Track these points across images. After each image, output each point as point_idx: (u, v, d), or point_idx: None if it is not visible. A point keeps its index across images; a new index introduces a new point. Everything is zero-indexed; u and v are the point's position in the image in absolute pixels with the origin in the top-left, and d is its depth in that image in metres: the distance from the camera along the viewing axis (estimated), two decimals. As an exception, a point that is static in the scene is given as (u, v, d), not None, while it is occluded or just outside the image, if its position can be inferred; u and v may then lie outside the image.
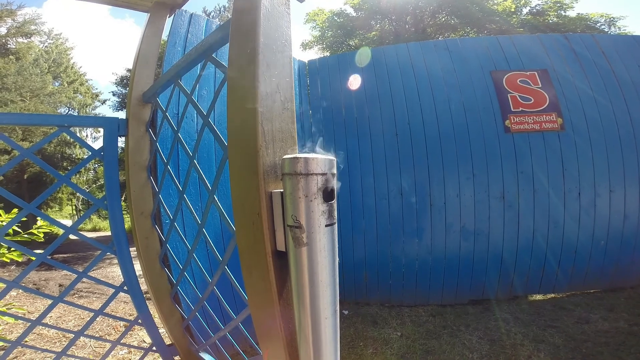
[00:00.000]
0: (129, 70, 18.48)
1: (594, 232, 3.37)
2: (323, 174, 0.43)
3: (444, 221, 3.41)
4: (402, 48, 3.74)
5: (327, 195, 0.43)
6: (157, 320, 1.38)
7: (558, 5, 12.44)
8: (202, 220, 1.02)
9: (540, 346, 2.46)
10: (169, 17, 1.31)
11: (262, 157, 0.47)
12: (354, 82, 3.70)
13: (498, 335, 2.67)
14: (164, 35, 1.40)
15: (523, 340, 2.56)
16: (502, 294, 3.41)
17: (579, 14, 12.49)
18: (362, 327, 2.94)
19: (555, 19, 12.41)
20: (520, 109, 3.45)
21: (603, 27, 12.18)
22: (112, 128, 1.19)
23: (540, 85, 3.48)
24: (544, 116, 3.43)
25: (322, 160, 0.43)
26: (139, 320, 1.29)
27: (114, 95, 19.27)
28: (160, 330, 1.36)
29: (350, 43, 13.75)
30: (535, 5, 12.84)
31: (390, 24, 14.10)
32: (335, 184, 0.44)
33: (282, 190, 0.48)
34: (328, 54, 13.88)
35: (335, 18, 14.12)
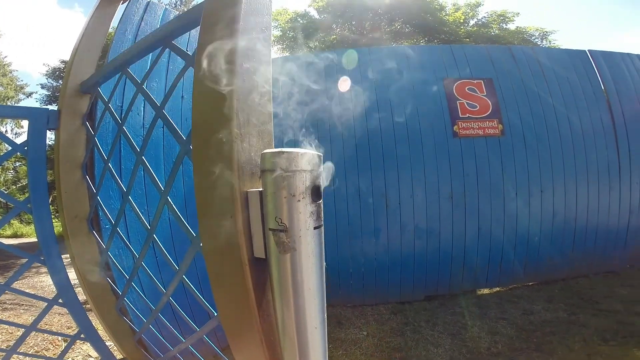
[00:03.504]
0: (63, 61, 16.63)
1: (529, 229, 3.73)
2: (312, 171, 0.38)
3: (399, 221, 3.53)
4: (364, 52, 3.82)
5: (316, 194, 0.39)
6: (103, 332, 1.22)
7: (501, 18, 13.73)
8: (152, 225, 0.91)
9: (496, 338, 2.65)
10: (122, 3, 1.18)
11: (237, 152, 0.41)
12: (317, 83, 3.68)
13: (457, 329, 2.83)
14: (114, 24, 1.25)
15: (480, 333, 2.73)
16: (454, 289, 3.62)
17: (517, 27, 13.90)
18: (329, 329, 2.92)
19: (497, 31, 13.68)
20: (467, 115, 3.70)
21: (537, 40, 13.70)
22: (40, 120, 1.03)
23: (485, 93, 3.76)
24: (487, 122, 3.72)
25: (310, 155, 0.38)
26: (82, 335, 1.14)
27: (42, 87, 17.13)
28: (107, 343, 1.21)
29: (311, 45, 13.85)
30: (482, 17, 14.04)
31: (350, 29, 14.47)
32: (323, 182, 0.40)
33: (259, 189, 0.42)
34: (287, 54, 13.84)
35: (299, 19, 14.14)
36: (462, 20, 13.83)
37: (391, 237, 3.53)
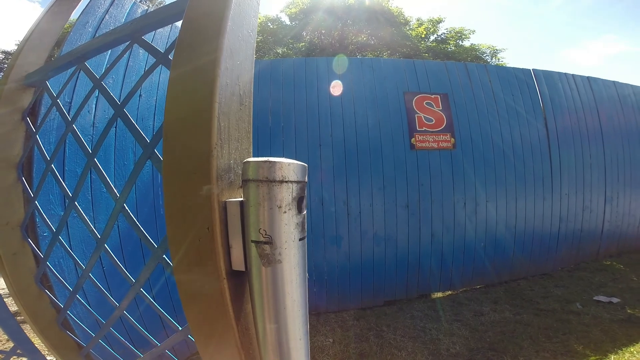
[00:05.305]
0: (5, 52, 14.80)
1: (476, 236, 4.02)
2: (298, 182, 0.38)
3: (359, 229, 3.61)
4: (332, 61, 3.87)
5: (301, 205, 0.38)
6: (43, 347, 1.09)
7: (459, 35, 14.77)
8: (104, 234, 0.83)
9: (454, 339, 2.79)
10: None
11: (216, 159, 0.38)
12: (285, 89, 3.67)
13: (416, 332, 2.94)
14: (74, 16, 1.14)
15: (438, 335, 2.86)
16: (411, 294, 3.77)
17: (472, 44, 15.02)
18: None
19: (453, 48, 14.70)
20: (424, 128, 3.91)
21: (487, 57, 14.91)
22: (-32, 111, 0.90)
23: (441, 108, 4.00)
24: (441, 136, 3.94)
25: (296, 165, 0.38)
26: (18, 351, 1.01)
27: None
28: (49, 358, 1.07)
29: (278, 50, 13.83)
30: (441, 34, 15.01)
31: (319, 37, 14.71)
32: (306, 193, 0.40)
33: (239, 199, 0.40)
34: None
35: (269, 24, 14.06)
36: (423, 35, 14.71)
37: (352, 244, 3.59)
